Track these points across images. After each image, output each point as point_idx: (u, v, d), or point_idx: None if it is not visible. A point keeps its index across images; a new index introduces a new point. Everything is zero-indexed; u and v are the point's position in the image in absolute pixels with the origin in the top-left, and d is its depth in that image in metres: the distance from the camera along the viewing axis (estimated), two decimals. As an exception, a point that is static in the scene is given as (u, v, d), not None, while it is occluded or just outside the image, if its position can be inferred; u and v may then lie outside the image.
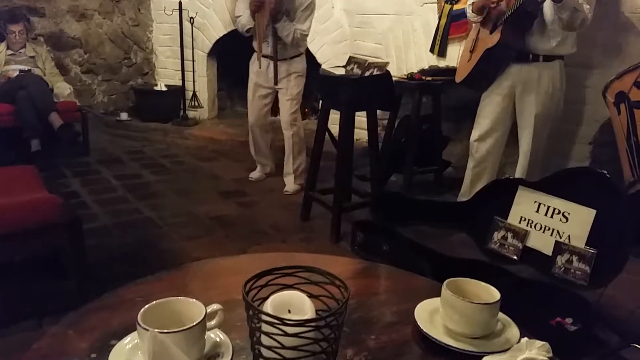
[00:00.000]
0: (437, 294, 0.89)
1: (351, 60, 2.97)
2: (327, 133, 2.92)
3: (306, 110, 5.03)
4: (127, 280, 1.01)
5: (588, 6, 2.32)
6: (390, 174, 3.59)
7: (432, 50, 3.64)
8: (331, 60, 4.33)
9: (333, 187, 2.82)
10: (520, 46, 2.51)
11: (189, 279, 1.08)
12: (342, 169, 2.76)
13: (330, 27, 4.38)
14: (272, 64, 3.29)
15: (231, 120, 5.22)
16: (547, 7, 2.41)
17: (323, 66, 4.38)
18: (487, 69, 2.64)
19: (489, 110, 2.72)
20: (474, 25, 2.77)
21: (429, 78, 3.39)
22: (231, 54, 4.43)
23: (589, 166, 2.66)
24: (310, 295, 0.79)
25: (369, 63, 2.83)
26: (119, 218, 2.94)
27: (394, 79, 3.47)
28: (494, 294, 0.88)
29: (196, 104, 5.15)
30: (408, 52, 3.89)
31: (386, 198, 2.62)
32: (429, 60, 3.69)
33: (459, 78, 2.82)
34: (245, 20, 3.25)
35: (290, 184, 3.47)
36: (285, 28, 3.15)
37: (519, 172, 2.66)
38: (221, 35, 4.86)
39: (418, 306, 0.92)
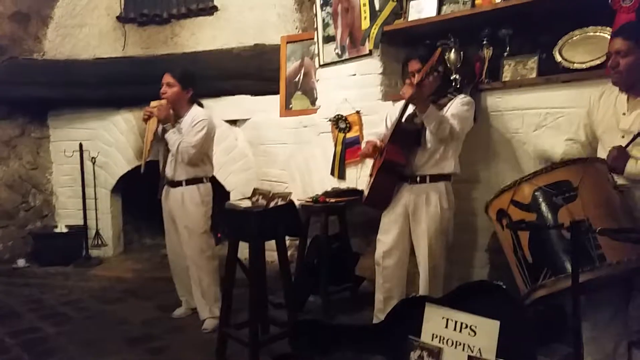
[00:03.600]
0: None
1: (256, 191, 3.05)
2: (238, 264, 2.90)
3: (219, 235, 4.99)
4: None
5: (455, 121, 2.62)
6: (307, 296, 3.57)
7: (332, 173, 3.85)
8: (239, 187, 4.43)
9: (248, 320, 2.74)
10: (407, 168, 2.75)
11: None
12: (256, 301, 2.72)
13: (236, 156, 4.52)
14: (168, 188, 3.32)
15: (139, 254, 5.04)
16: (428, 132, 2.68)
17: (231, 194, 4.47)
18: (381, 190, 2.85)
19: (388, 228, 2.88)
20: None
21: (332, 200, 3.54)
22: (137, 186, 4.40)
23: (486, 280, 2.83)
24: None
25: (273, 194, 2.93)
26: (12, 385, 2.63)
27: (300, 202, 3.61)
28: None
29: (100, 242, 4.95)
30: (311, 176, 4.07)
31: (302, 326, 2.59)
32: (331, 182, 3.87)
33: (364, 200, 2.99)
34: None
35: (208, 320, 3.31)
36: (172, 138, 3.19)
37: (422, 289, 2.76)
38: (125, 171, 4.84)
39: None
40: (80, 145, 4.86)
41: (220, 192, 3.60)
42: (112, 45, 4.84)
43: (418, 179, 2.76)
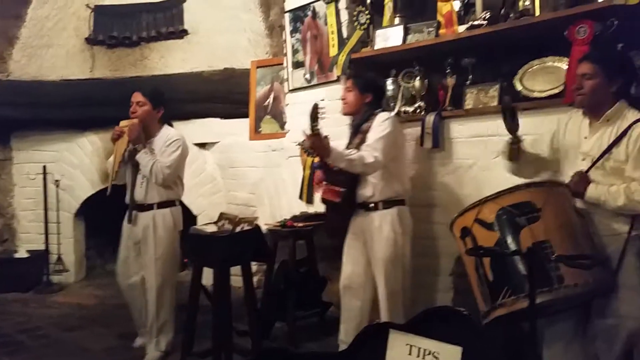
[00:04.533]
0: None
1: (222, 216, 3.02)
2: (202, 290, 2.86)
3: (185, 260, 4.91)
4: None
5: (372, 150, 2.63)
6: (274, 323, 3.52)
7: (300, 197, 3.84)
8: (207, 211, 4.39)
9: (211, 349, 2.69)
10: (357, 196, 2.77)
11: None
12: (220, 328, 2.67)
13: (204, 180, 4.49)
14: (136, 213, 3.16)
15: (102, 280, 4.91)
16: None
17: (199, 217, 4.42)
18: (333, 221, 2.89)
19: (348, 256, 2.90)
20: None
21: (300, 224, 3.53)
22: (101, 210, 4.32)
23: (448, 305, 2.84)
24: None
25: (240, 218, 2.91)
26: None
27: (267, 226, 3.60)
28: None
29: (61, 267, 4.81)
30: (280, 200, 4.06)
31: (267, 355, 2.54)
32: (300, 206, 3.87)
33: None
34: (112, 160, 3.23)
35: (151, 351, 3.16)
36: (144, 159, 3.08)
37: (384, 316, 2.74)
38: (89, 195, 4.75)
39: None
40: (44, 168, 4.76)
41: (186, 216, 3.52)
42: (80, 66, 4.79)
43: (369, 206, 2.78)
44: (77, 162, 4.79)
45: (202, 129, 4.49)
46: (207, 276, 2.87)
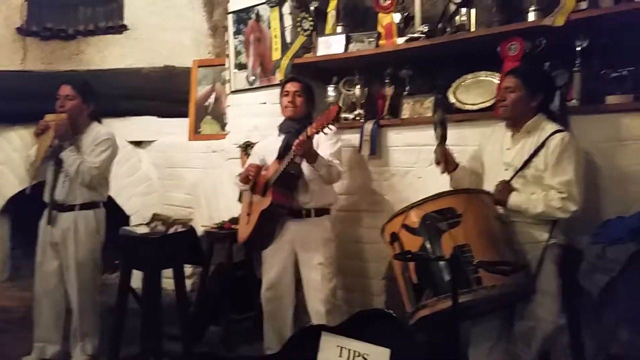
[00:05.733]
0: None
1: (155, 217, 2.95)
2: (131, 293, 2.78)
3: (116, 262, 4.76)
4: None
5: (338, 161, 2.78)
6: (207, 326, 3.47)
7: (239, 200, 3.80)
8: (141, 211, 4.27)
9: (139, 354, 2.62)
10: (291, 205, 2.80)
11: None
12: (149, 333, 2.61)
13: (139, 179, 4.37)
14: (56, 214, 3.00)
15: (28, 281, 4.63)
16: (305, 168, 2.77)
17: (132, 218, 4.29)
18: (265, 229, 2.87)
19: (271, 264, 2.92)
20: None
21: (238, 226, 3.49)
22: (29, 208, 4.10)
23: (378, 308, 2.91)
24: None
25: (174, 220, 2.86)
26: None
27: (204, 228, 3.55)
28: None
29: (-18, 268, 4.54)
30: (218, 202, 4.01)
31: None
32: (238, 209, 3.83)
33: (241, 239, 3.02)
34: (33, 152, 3.06)
35: (76, 356, 3.04)
36: (70, 157, 2.92)
37: (318, 318, 2.78)
38: (16, 192, 4.51)
39: None
40: (-34, 163, 4.48)
41: (118, 217, 3.41)
42: (10, 57, 4.54)
43: (304, 213, 2.83)
44: (3, 158, 4.53)
45: (138, 127, 4.37)
46: (139, 279, 2.80)
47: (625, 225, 2.15)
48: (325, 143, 2.77)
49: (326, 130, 2.50)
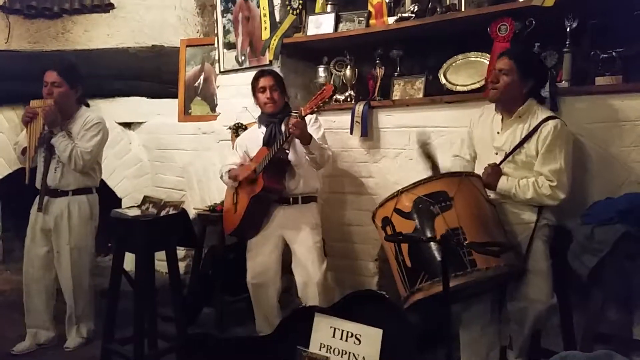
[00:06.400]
0: None
1: (146, 199, 2.92)
2: (124, 275, 2.79)
3: (109, 245, 4.76)
4: None
5: (326, 145, 2.82)
6: (201, 308, 3.50)
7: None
8: (132, 194, 4.25)
9: (132, 335, 2.64)
10: (282, 189, 2.83)
11: None
12: (143, 314, 2.62)
13: (129, 161, 4.34)
14: (48, 199, 2.99)
15: (20, 264, 4.60)
16: (292, 153, 2.81)
17: (124, 200, 4.27)
18: (256, 216, 2.89)
19: (257, 252, 2.94)
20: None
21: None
22: (20, 190, 4.07)
23: (371, 289, 2.94)
24: None
25: (165, 202, 2.84)
26: None
27: (197, 211, 3.55)
28: None
29: (-27, 250, 4.52)
30: (210, 184, 4.00)
31: (192, 341, 2.55)
32: (230, 191, 3.83)
33: (228, 229, 3.03)
34: (22, 139, 3.04)
35: (71, 338, 3.09)
36: (61, 143, 2.91)
37: (313, 299, 2.80)
38: (5, 174, 4.46)
39: None
40: (-47, 145, 4.41)
41: (110, 199, 3.40)
42: (-6, 37, 4.45)
43: (291, 200, 2.86)
44: (-9, 138, 4.47)
45: (127, 108, 4.32)
46: (133, 261, 2.81)
47: (614, 206, 2.17)
48: (309, 129, 2.76)
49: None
